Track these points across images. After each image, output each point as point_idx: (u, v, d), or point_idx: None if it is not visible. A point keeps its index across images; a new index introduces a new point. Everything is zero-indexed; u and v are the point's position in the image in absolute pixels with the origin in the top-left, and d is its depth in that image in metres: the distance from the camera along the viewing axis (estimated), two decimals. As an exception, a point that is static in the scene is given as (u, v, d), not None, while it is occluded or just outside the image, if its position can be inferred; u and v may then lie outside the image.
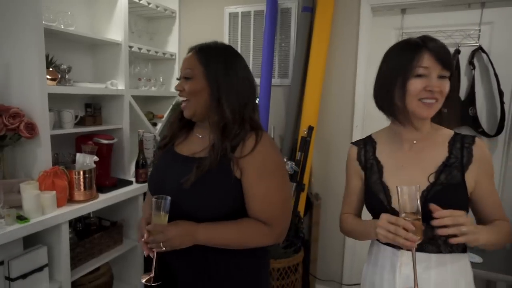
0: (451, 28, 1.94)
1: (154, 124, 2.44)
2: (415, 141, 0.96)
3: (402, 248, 0.91)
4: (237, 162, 0.94)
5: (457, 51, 1.92)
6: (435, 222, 0.79)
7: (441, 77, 0.87)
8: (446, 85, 0.88)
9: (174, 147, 1.08)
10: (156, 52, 2.38)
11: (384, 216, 0.85)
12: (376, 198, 0.97)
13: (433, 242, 0.91)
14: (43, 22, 1.61)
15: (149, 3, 2.27)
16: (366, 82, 2.12)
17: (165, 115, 2.51)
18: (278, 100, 2.35)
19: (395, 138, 1.00)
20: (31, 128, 1.57)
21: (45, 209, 1.51)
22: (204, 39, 1.10)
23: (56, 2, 1.85)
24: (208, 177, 0.93)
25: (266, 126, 2.27)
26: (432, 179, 0.91)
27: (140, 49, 2.24)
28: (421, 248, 0.90)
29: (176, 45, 2.57)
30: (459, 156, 0.91)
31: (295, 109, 2.24)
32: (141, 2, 2.21)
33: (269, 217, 0.96)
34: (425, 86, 0.87)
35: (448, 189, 0.89)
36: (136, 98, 2.22)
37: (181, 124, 1.10)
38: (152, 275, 0.95)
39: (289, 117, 2.25)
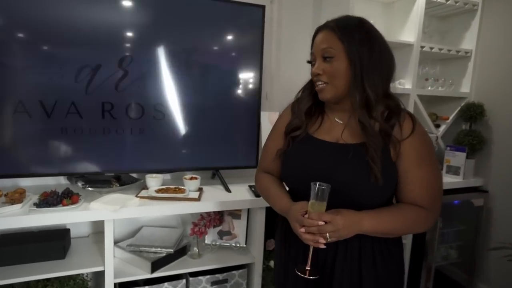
0: None
1: (437, 126, 2.35)
2: None
3: None
4: (395, 146, 0.91)
5: None
6: None
7: None
8: None
9: (310, 134, 1.04)
10: (449, 51, 2.27)
11: None
12: None
13: None
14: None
15: (447, 0, 2.20)
16: None
17: (451, 117, 2.35)
18: None
19: None
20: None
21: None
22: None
23: (357, 13, 2.16)
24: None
25: None
26: None
27: (431, 48, 2.22)
28: None
29: (473, 41, 2.33)
30: None
31: None
32: (439, 0, 2.17)
33: (429, 201, 0.94)
34: None
35: None
36: (420, 98, 2.23)
37: (311, 110, 1.06)
38: (308, 267, 0.91)
39: None
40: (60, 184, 1.71)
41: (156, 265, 1.58)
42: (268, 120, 1.93)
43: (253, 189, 1.75)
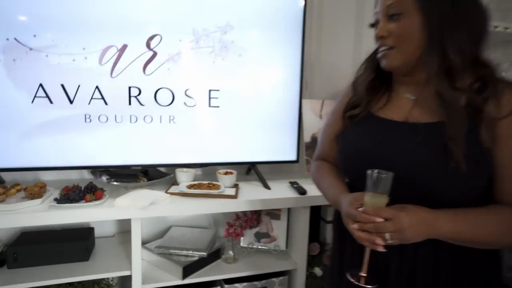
0: None
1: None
2: None
3: None
4: (489, 126, 0.69)
5: None
6: None
7: None
8: None
9: (371, 113, 0.85)
10: (515, 30, 1.98)
11: None
12: None
13: None
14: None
15: (515, -28, 1.92)
16: None
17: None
18: None
19: None
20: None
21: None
22: None
23: None
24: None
25: None
26: None
27: (495, 27, 1.94)
28: None
29: (543, 19, 2.04)
30: None
31: None
32: (505, -28, 1.90)
33: None
34: None
35: None
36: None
37: (375, 86, 0.86)
38: (364, 273, 0.74)
39: None
40: (84, 178, 1.57)
41: (188, 270, 1.41)
42: (310, 109, 1.72)
43: (295, 185, 1.54)
